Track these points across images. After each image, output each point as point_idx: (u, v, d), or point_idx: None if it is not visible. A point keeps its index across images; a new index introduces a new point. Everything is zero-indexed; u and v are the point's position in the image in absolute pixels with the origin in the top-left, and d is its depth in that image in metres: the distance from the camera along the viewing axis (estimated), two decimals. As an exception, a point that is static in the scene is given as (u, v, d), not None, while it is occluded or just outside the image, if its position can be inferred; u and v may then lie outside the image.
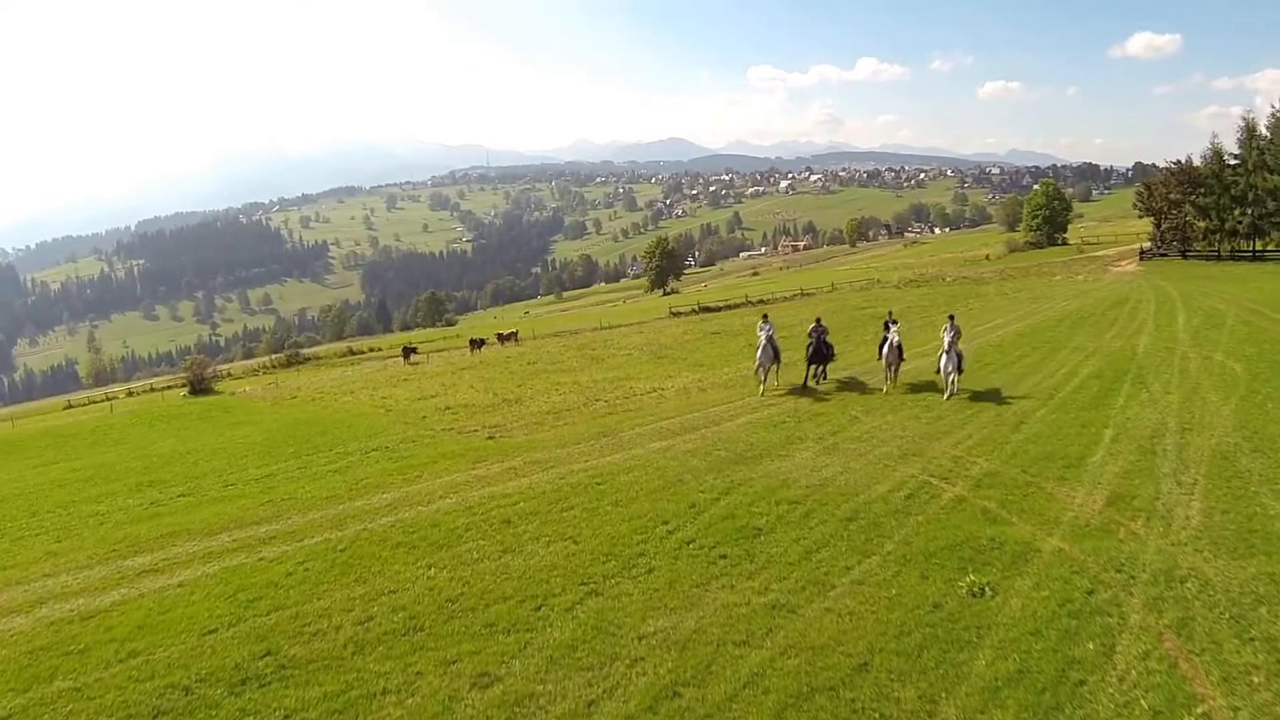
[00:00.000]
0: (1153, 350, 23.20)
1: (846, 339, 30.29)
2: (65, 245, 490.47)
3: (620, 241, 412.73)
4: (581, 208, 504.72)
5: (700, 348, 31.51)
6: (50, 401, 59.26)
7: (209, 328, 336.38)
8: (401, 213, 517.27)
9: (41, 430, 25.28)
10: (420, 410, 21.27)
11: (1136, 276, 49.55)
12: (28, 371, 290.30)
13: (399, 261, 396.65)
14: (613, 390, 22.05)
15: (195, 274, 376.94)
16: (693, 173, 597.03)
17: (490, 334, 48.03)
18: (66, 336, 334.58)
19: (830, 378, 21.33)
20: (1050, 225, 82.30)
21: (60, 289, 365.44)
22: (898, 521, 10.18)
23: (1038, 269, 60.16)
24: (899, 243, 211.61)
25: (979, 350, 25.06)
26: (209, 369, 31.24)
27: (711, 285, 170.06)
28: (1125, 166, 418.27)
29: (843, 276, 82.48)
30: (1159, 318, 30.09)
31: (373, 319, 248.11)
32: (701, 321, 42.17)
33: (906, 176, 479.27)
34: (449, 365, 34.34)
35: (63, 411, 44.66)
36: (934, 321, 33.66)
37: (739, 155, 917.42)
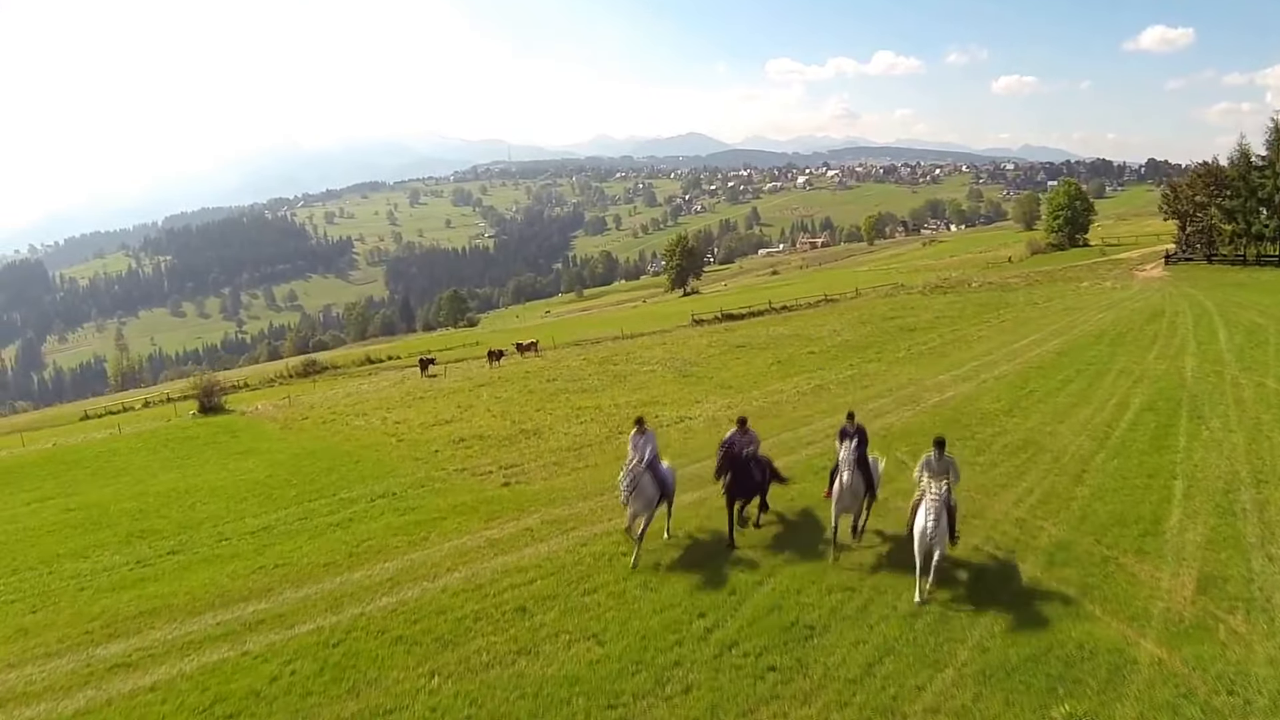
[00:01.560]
0: (1201, 375, 21.79)
1: (879, 356, 28.71)
2: (93, 241, 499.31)
3: (640, 237, 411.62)
4: (602, 203, 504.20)
5: (726, 364, 30.12)
6: (69, 408, 59.41)
7: (235, 324, 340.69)
8: (425, 208, 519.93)
9: (45, 456, 24.59)
10: (433, 441, 20.15)
11: (1165, 283, 47.45)
12: (57, 369, 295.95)
13: (422, 257, 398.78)
14: (636, 419, 20.79)
15: (222, 270, 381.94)
16: (711, 168, 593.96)
17: (510, 343, 47.00)
18: (95, 333, 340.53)
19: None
20: (1072, 226, 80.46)
21: (88, 286, 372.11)
22: (969, 619, 8.82)
23: (1063, 274, 57.96)
24: (917, 241, 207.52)
25: (1021, 372, 23.49)
26: (218, 387, 30.29)
27: (731, 284, 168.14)
28: (1138, 162, 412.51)
29: (865, 280, 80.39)
30: (1199, 334, 28.37)
31: (396, 317, 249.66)
32: (725, 332, 40.70)
33: (922, 172, 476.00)
34: (467, 380, 33.27)
35: (77, 423, 44.43)
36: (964, 336, 32.03)
37: (757, 150, 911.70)
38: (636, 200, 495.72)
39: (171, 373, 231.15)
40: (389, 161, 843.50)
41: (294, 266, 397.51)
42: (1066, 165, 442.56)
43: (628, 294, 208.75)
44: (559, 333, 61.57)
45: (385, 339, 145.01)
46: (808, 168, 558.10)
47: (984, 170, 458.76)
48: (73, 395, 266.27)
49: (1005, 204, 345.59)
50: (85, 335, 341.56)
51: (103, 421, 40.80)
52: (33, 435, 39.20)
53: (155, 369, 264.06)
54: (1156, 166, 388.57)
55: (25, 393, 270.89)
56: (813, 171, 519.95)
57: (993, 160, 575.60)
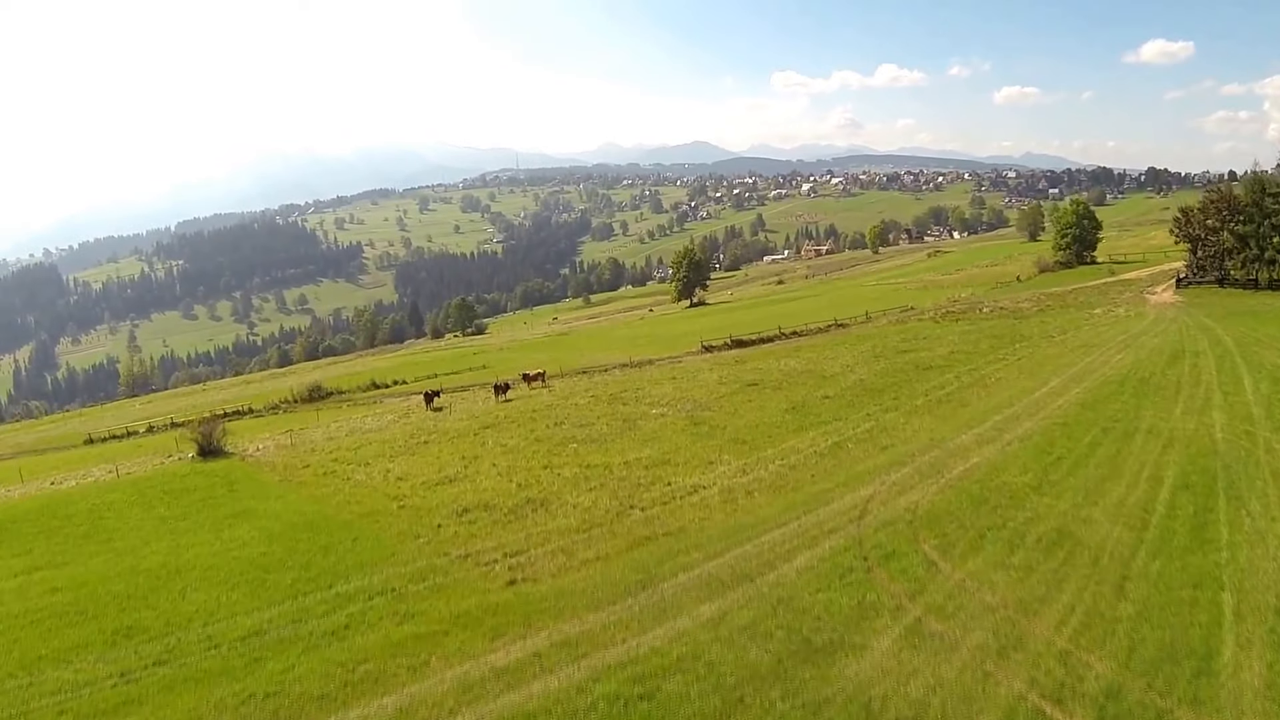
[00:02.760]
0: (1232, 437, 20.98)
1: (896, 403, 27.78)
2: (106, 246, 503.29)
3: (646, 243, 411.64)
4: (609, 210, 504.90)
5: (738, 408, 29.28)
6: (76, 423, 59.08)
7: (246, 327, 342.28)
8: (433, 214, 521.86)
9: (40, 506, 23.93)
10: (435, 509, 19.39)
11: (1179, 311, 46.47)
12: (70, 370, 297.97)
13: (431, 262, 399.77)
14: (649, 485, 19.98)
15: (233, 274, 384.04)
16: (717, 175, 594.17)
17: (516, 371, 46.37)
18: (108, 335, 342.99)
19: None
20: (1080, 244, 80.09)
21: (101, 289, 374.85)
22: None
23: (1074, 296, 56.96)
24: (921, 249, 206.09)
25: (1045, 431, 22.56)
26: (218, 428, 29.69)
27: (737, 293, 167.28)
28: (1138, 171, 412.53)
29: (873, 298, 79.36)
30: (1223, 380, 27.55)
31: (405, 322, 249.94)
32: (736, 365, 39.86)
33: (925, 180, 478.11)
34: (472, 420, 32.57)
35: (79, 449, 44.10)
36: (982, 377, 31.06)
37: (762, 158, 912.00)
38: (643, 207, 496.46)
39: (182, 375, 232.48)
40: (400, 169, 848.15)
41: (305, 271, 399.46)
42: (1067, 173, 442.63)
43: (635, 300, 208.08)
44: (566, 351, 60.85)
45: (394, 346, 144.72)
46: (812, 175, 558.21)
47: (986, 178, 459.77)
48: (85, 395, 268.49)
49: (1007, 211, 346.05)
50: (98, 337, 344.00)
51: (104, 450, 40.29)
52: (33, 465, 38.77)
53: (166, 371, 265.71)
54: (1156, 175, 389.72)
55: (39, 392, 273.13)
56: (817, 179, 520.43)
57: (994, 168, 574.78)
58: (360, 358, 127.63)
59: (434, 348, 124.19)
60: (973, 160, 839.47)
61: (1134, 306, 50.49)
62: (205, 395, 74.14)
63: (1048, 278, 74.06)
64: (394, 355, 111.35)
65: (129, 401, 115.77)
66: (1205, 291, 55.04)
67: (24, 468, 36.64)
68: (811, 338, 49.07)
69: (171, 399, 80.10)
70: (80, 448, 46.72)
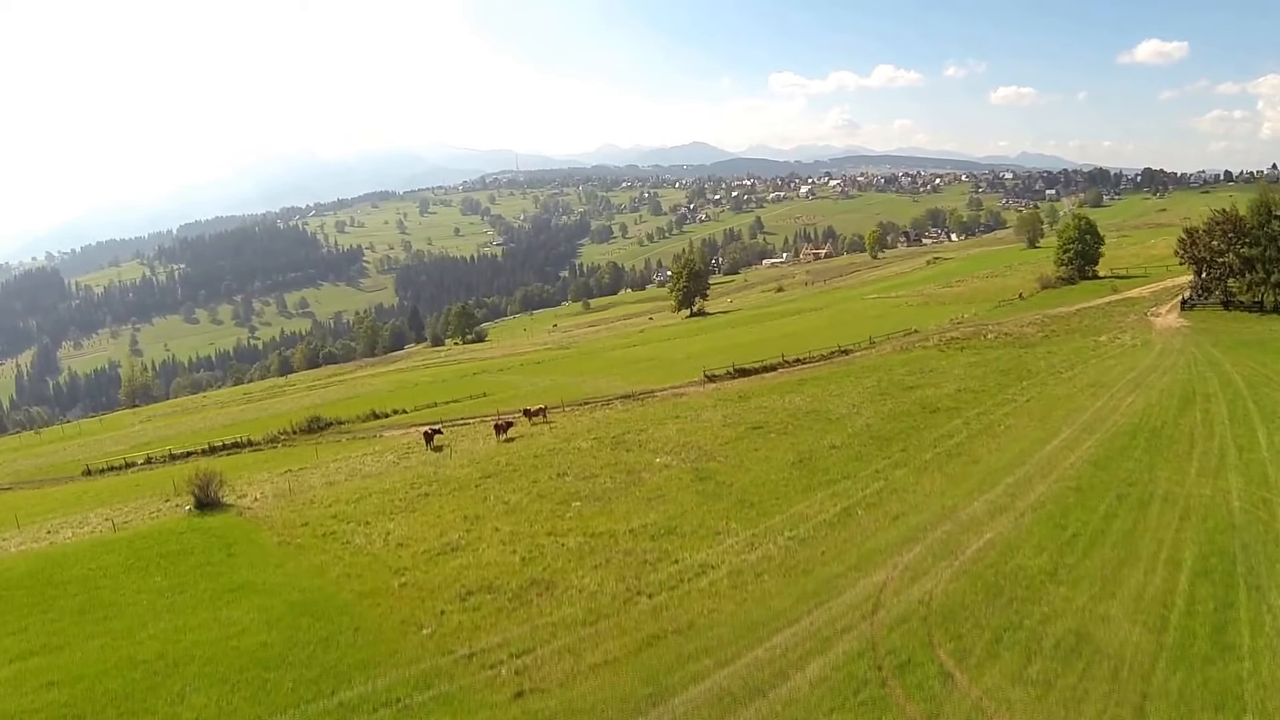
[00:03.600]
0: (1249, 506, 20.70)
1: (905, 456, 27.35)
2: (108, 249, 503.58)
3: (645, 245, 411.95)
4: (608, 212, 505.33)
5: (744, 459, 28.90)
6: (75, 450, 58.73)
7: (247, 331, 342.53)
8: (434, 217, 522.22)
9: (33, 569, 23.49)
10: (438, 591, 18.98)
11: (1186, 339, 46.07)
12: (72, 375, 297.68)
13: (431, 265, 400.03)
14: (655, 562, 19.59)
15: (234, 278, 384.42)
16: (715, 177, 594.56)
17: (516, 401, 46.14)
18: (110, 340, 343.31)
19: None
20: (1082, 259, 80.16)
21: (103, 293, 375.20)
22: None
23: (1078, 320, 56.62)
24: (920, 253, 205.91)
25: (1058, 497, 22.20)
26: (215, 480, 29.33)
27: (737, 300, 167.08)
28: (1133, 171, 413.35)
29: (874, 314, 78.94)
30: (1237, 433, 27.18)
31: (406, 326, 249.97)
32: (739, 400, 39.45)
33: (922, 182, 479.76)
34: (473, 465, 32.20)
35: (78, 483, 43.79)
36: (991, 423, 30.68)
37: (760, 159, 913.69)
38: (642, 209, 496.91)
39: (183, 380, 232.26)
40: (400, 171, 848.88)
41: (305, 275, 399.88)
42: (1064, 174, 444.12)
43: (634, 306, 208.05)
44: (566, 373, 60.36)
45: (394, 355, 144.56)
46: (810, 177, 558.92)
47: (983, 179, 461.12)
48: (87, 400, 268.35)
49: (1004, 212, 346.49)
50: (100, 341, 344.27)
51: (102, 487, 39.90)
52: (31, 503, 38.40)
53: (168, 375, 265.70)
54: (1152, 176, 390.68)
55: (41, 398, 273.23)
56: (815, 181, 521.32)
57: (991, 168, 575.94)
58: (360, 369, 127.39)
59: (433, 359, 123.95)
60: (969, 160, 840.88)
61: (1139, 333, 50.10)
62: (205, 415, 73.68)
63: (1050, 295, 73.75)
64: (394, 366, 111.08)
65: (130, 414, 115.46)
66: (1210, 315, 54.72)
67: (21, 509, 36.29)
68: (815, 367, 48.67)
69: (171, 418, 79.64)
70: (78, 480, 46.43)
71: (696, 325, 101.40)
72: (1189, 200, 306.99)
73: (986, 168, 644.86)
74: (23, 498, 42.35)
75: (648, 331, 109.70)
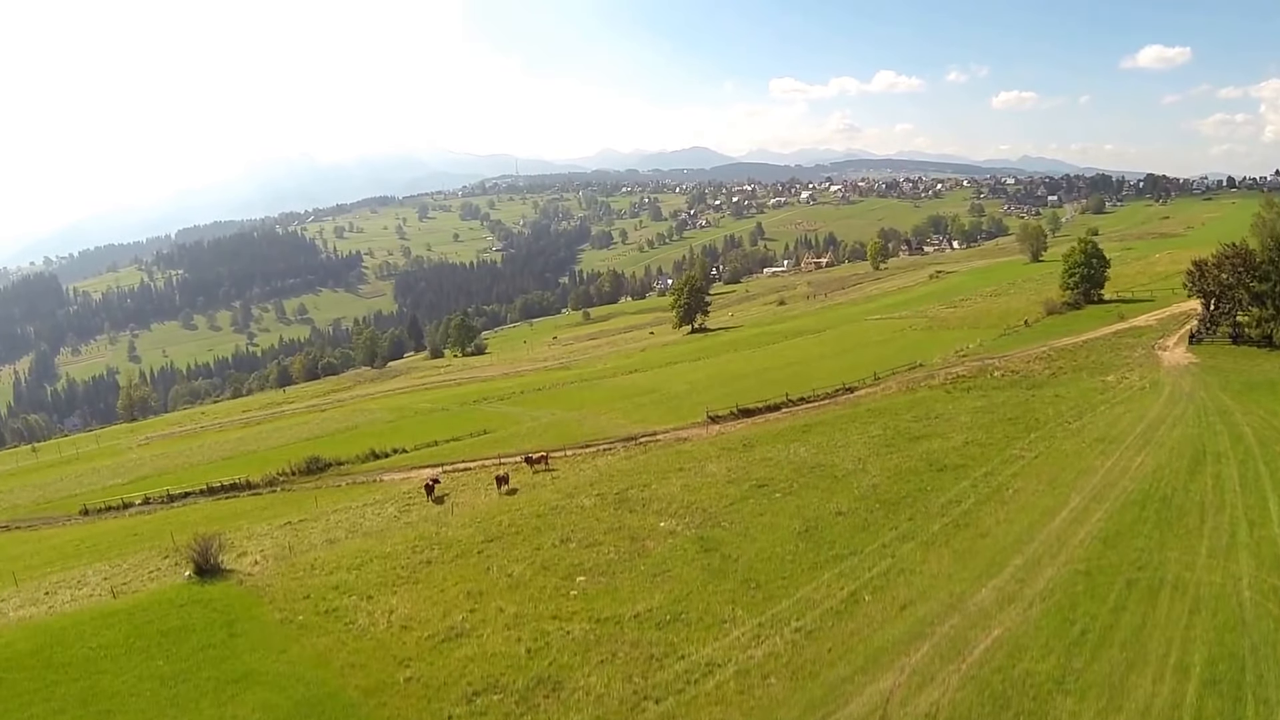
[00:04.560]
0: (1259, 597, 20.60)
1: (912, 528, 26.99)
2: (106, 254, 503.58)
3: (646, 252, 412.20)
4: (608, 217, 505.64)
5: (749, 525, 28.57)
6: (73, 484, 58.40)
7: (246, 338, 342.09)
8: (433, 222, 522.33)
9: (33, 649, 23.18)
10: (443, 690, 18.70)
11: (1194, 379, 45.71)
12: (70, 381, 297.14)
13: (430, 272, 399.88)
14: (662, 658, 19.35)
15: (233, 284, 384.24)
16: (715, 182, 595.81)
17: (517, 441, 46.00)
18: (108, 346, 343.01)
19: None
20: (1088, 283, 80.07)
21: (101, 299, 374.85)
22: None
23: (1085, 353, 56.39)
24: (922, 264, 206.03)
25: (1067, 583, 21.95)
26: (214, 546, 29.05)
27: (738, 313, 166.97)
28: (1136, 175, 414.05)
29: (877, 338, 78.72)
30: (1248, 504, 26.79)
31: (405, 335, 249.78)
32: (743, 449, 39.14)
33: (924, 187, 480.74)
34: (475, 524, 31.91)
35: (75, 525, 43.51)
36: (999, 486, 30.39)
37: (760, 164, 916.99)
38: (642, 214, 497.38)
39: (181, 389, 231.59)
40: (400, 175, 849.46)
41: (304, 280, 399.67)
42: (1066, 180, 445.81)
43: (635, 317, 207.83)
44: (567, 405, 59.97)
45: (393, 369, 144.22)
46: (810, 182, 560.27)
47: (985, 184, 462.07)
48: (84, 407, 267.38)
49: (1006, 219, 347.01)
50: (98, 348, 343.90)
51: (100, 537, 39.56)
52: (29, 554, 38.06)
53: (166, 382, 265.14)
54: (1155, 182, 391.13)
55: (39, 404, 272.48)
56: (815, 186, 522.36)
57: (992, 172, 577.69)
58: (359, 383, 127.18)
59: (432, 376, 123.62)
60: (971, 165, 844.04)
61: (1147, 371, 49.73)
62: (203, 442, 73.32)
63: (1056, 322, 73.40)
64: (393, 385, 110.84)
65: (127, 431, 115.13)
66: (1219, 350, 54.28)
67: (19, 560, 36.17)
68: (820, 407, 48.41)
69: (169, 443, 79.12)
70: (75, 521, 46.20)
71: (698, 345, 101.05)
72: (1192, 208, 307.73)
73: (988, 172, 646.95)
74: (20, 542, 42.05)
75: (649, 350, 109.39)
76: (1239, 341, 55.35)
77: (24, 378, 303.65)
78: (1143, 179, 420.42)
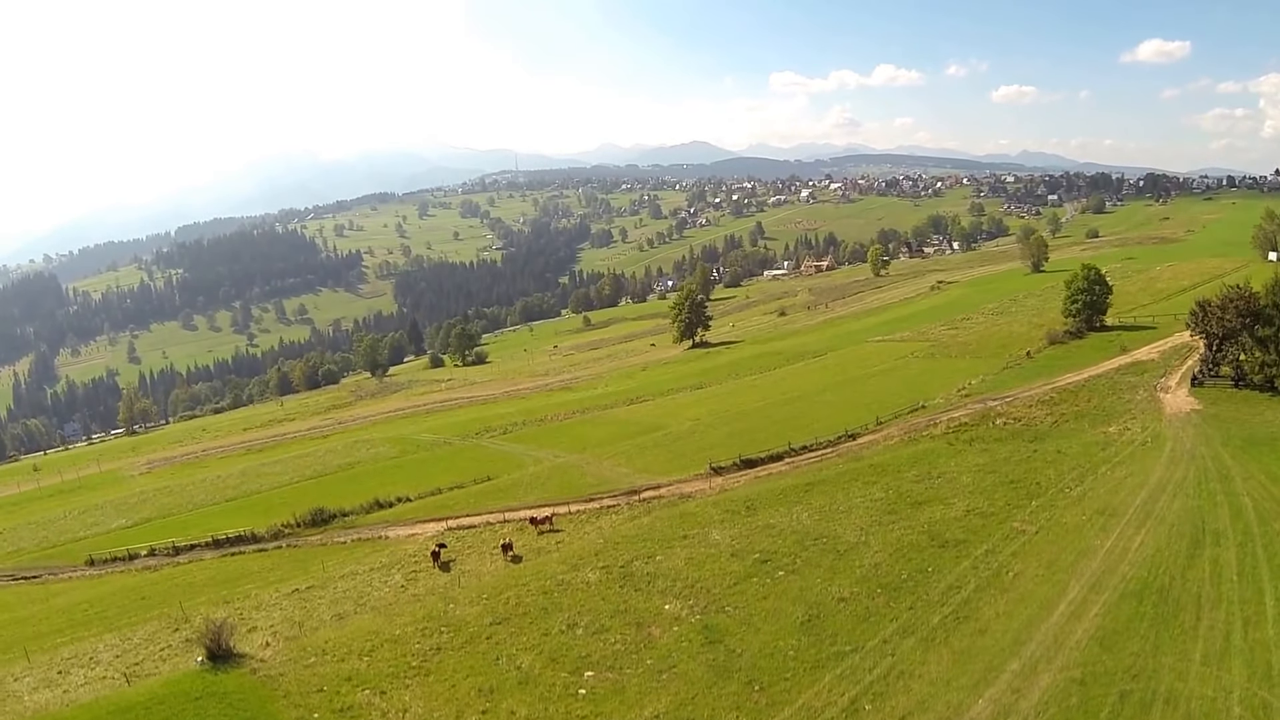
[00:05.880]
0: (1251, 715, 21.19)
1: (913, 618, 27.41)
2: (106, 252, 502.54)
3: (646, 251, 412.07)
4: (607, 215, 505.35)
5: (753, 613, 28.96)
6: (73, 523, 58.71)
7: (246, 339, 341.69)
8: (433, 220, 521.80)
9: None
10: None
11: (1196, 433, 45.95)
12: (70, 383, 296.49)
13: (431, 271, 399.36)
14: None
15: (233, 284, 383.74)
16: (715, 179, 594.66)
17: (520, 490, 46.46)
18: (108, 347, 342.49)
19: None
20: (1090, 310, 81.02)
21: (101, 299, 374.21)
22: None
23: (1087, 394, 56.86)
24: (923, 269, 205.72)
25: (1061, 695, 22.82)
26: (226, 630, 29.41)
27: (739, 324, 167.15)
28: (1136, 172, 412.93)
29: (879, 366, 78.77)
30: (1244, 596, 27.32)
31: (405, 340, 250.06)
32: (747, 515, 39.41)
33: (924, 185, 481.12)
34: (482, 602, 32.22)
35: (84, 579, 43.83)
36: (999, 568, 30.92)
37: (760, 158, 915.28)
38: (642, 212, 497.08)
39: (181, 394, 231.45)
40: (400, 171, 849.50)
41: (304, 280, 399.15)
42: (1066, 178, 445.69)
43: (635, 325, 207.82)
44: (569, 441, 60.04)
45: (392, 382, 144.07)
46: (810, 180, 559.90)
47: (985, 182, 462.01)
48: (85, 409, 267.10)
49: (1006, 219, 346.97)
50: (97, 349, 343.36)
51: (109, 597, 39.86)
52: (35, 613, 38.36)
53: (166, 385, 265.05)
54: (1155, 181, 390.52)
55: (39, 407, 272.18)
56: (815, 184, 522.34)
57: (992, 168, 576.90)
58: (359, 399, 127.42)
59: (433, 394, 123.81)
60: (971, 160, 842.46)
61: (1149, 420, 49.90)
62: (206, 474, 73.42)
63: (1058, 353, 73.65)
64: (393, 406, 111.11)
65: (128, 447, 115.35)
66: (1221, 395, 54.37)
67: (28, 627, 36.67)
68: (822, 458, 48.77)
69: (171, 474, 79.01)
70: (81, 572, 46.48)
71: (699, 367, 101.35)
72: (1192, 208, 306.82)
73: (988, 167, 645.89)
74: (27, 601, 42.36)
75: (650, 369, 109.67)
76: (1240, 384, 55.55)
77: (24, 379, 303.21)
78: (1143, 177, 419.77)
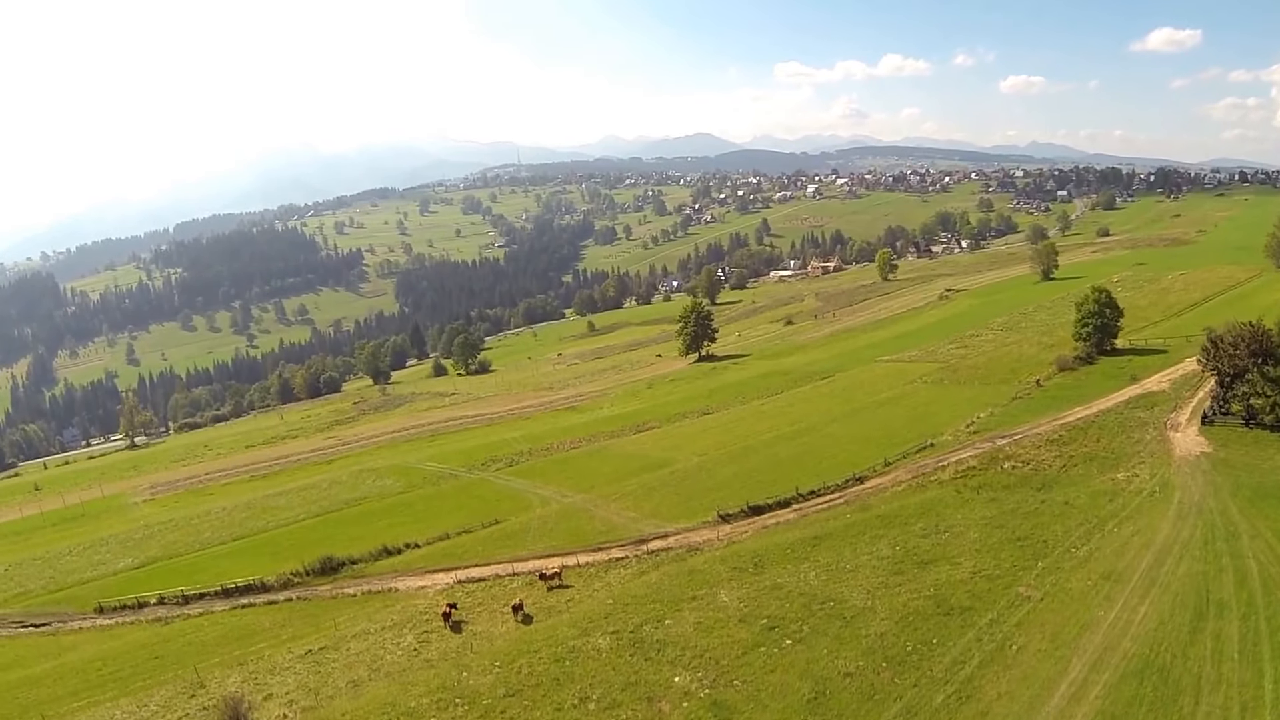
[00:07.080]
0: None
1: (917, 692, 27.13)
2: (104, 250, 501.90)
3: (650, 249, 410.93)
4: (611, 211, 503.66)
5: (760, 689, 28.91)
6: (80, 561, 58.83)
7: (246, 339, 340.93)
8: (434, 216, 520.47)
9: None
10: None
11: (1205, 482, 45.44)
12: (68, 386, 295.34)
13: (432, 270, 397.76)
14: None
15: (232, 283, 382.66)
16: (720, 174, 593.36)
17: (531, 551, 46.70)
18: (106, 348, 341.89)
19: None
20: (1101, 333, 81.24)
21: (99, 300, 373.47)
22: None
23: (1095, 434, 56.56)
24: (931, 273, 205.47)
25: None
26: (244, 707, 29.67)
27: (745, 333, 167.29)
28: (1146, 164, 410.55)
29: (886, 394, 78.70)
30: (1243, 678, 27.26)
31: (407, 343, 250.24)
32: (754, 573, 39.43)
33: (931, 180, 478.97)
34: (494, 670, 32.26)
35: (96, 629, 44.01)
36: (1004, 641, 30.73)
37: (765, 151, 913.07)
38: (646, 208, 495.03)
39: (181, 398, 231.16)
40: (401, 164, 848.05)
41: (304, 279, 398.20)
42: (1075, 172, 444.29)
43: (640, 330, 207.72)
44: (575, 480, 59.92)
45: (394, 398, 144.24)
46: (816, 174, 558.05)
47: (993, 177, 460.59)
48: (84, 413, 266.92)
49: (1016, 215, 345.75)
50: (96, 350, 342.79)
51: (122, 657, 39.75)
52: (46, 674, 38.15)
53: (166, 388, 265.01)
54: (1165, 176, 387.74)
55: (38, 411, 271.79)
56: (821, 179, 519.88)
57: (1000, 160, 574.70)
58: (362, 417, 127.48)
59: (436, 409, 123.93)
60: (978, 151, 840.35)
61: (1158, 464, 49.60)
62: (211, 503, 73.46)
63: (1068, 381, 73.31)
64: (395, 426, 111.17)
65: (129, 465, 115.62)
66: (1232, 436, 53.66)
67: (39, 694, 36.61)
68: (830, 505, 48.79)
69: (175, 502, 78.60)
70: (91, 621, 46.43)
71: (705, 386, 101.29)
72: (1204, 204, 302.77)
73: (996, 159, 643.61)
74: (39, 655, 42.23)
75: (655, 386, 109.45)
76: (1252, 424, 54.97)
77: (22, 382, 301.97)
78: (1153, 172, 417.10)
